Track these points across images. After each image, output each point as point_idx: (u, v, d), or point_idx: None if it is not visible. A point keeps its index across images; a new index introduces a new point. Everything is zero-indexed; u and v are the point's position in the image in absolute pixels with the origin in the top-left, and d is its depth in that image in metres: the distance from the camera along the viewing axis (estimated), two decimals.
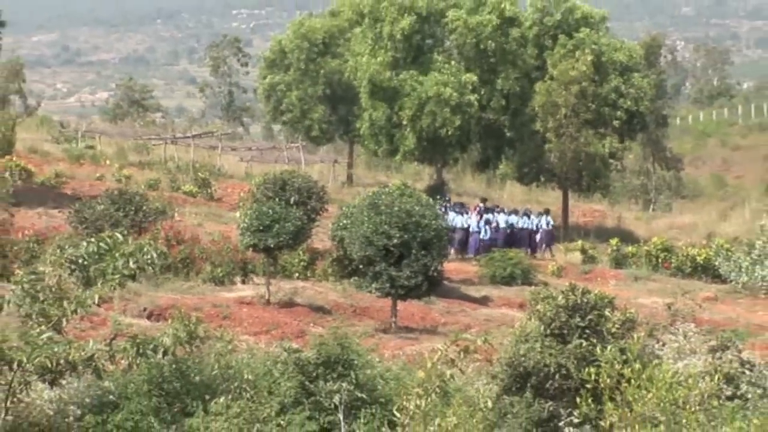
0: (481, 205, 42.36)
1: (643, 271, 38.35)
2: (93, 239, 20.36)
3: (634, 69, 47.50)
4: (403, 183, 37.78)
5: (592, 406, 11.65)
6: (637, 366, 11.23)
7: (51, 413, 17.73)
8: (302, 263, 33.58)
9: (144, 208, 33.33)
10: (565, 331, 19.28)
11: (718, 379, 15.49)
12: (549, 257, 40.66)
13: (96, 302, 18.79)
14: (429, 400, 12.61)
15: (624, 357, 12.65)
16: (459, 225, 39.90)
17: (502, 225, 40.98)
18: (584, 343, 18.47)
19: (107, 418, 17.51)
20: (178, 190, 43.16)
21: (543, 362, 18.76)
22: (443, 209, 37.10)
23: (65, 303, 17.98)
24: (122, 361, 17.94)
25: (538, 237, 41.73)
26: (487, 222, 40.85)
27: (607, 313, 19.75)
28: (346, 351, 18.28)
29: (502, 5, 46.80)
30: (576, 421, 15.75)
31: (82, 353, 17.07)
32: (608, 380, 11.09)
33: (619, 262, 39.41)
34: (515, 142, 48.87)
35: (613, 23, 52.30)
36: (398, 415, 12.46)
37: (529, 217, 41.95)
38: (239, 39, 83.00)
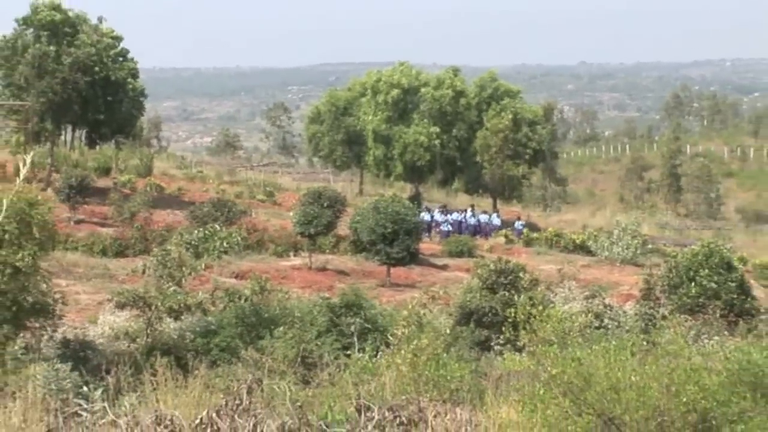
0: (443, 208, 56.85)
1: (542, 249, 50.64)
2: (201, 229, 33.63)
3: (537, 123, 66.58)
4: (394, 194, 49.79)
5: (512, 333, 15.34)
6: (540, 308, 14.31)
7: (175, 337, 25.06)
8: (331, 243, 45.27)
9: (233, 209, 46.01)
10: (495, 286, 27.45)
11: (590, 316, 23.79)
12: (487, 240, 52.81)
13: (203, 268, 29.35)
14: (410, 329, 17.37)
15: (531, 302, 17.92)
16: (439, 219, 54.26)
17: (429, 217, 54.44)
18: (506, 294, 26.69)
19: (209, 341, 24.46)
20: (254, 198, 56.52)
21: (481, 305, 26.70)
22: (420, 212, 50.39)
23: (183, 268, 27.00)
24: (219, 305, 27.90)
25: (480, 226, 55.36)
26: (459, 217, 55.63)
27: (520, 275, 28.51)
28: (359, 298, 25.26)
29: (455, 84, 66.11)
30: (501, 342, 21.59)
31: (194, 300, 26.02)
32: (522, 316, 14.00)
33: (528, 243, 51.96)
34: (464, 168, 66.97)
35: (524, 95, 71.74)
36: (391, 338, 17.11)
37: (474, 215, 56.13)
38: (287, 107, 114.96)
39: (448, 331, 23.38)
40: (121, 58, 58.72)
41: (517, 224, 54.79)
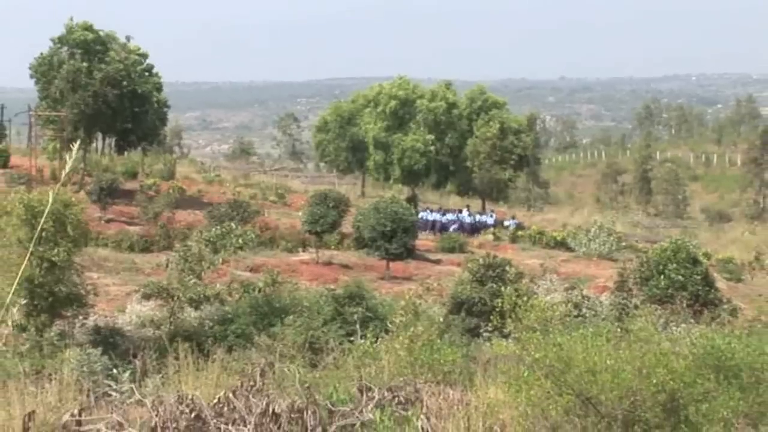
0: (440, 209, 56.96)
1: (527, 245, 49.90)
2: (219, 227, 33.62)
3: (522, 131, 66.81)
4: (393, 196, 48.41)
5: (499, 321, 15.48)
6: (524, 298, 14.88)
7: (195, 325, 25.21)
8: (336, 240, 44.52)
9: (247, 209, 45.65)
10: (484, 279, 27.08)
11: (569, 306, 23.32)
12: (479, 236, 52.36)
13: (220, 262, 29.83)
14: (407, 317, 18.24)
15: (516, 293, 17.80)
16: (432, 218, 53.78)
17: (430, 217, 54.04)
18: (494, 286, 26.10)
19: (226, 328, 24.61)
20: (267, 200, 55.72)
21: (471, 296, 26.40)
22: (418, 212, 49.62)
23: (203, 263, 27.28)
24: (235, 295, 28.77)
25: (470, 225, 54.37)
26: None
27: (507, 268, 28.11)
28: (361, 290, 25.40)
29: (447, 96, 66.90)
30: (489, 329, 20.97)
31: (213, 291, 26.93)
32: (508, 306, 14.49)
33: (514, 239, 51.17)
34: (455, 172, 67.66)
35: (510, 106, 72.39)
36: (390, 326, 17.51)
37: (471, 215, 55.08)
38: (297, 117, 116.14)
39: (441, 320, 23.61)
40: (146, 73, 58.86)
41: (512, 222, 54.47)
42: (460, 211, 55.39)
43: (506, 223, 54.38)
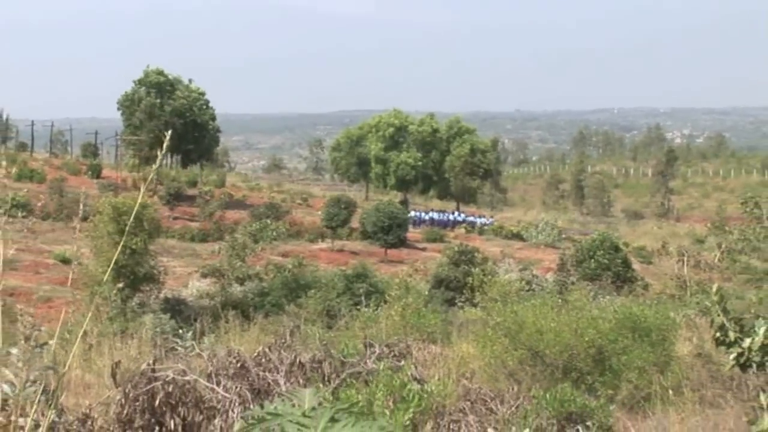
0: (424, 208, 57.37)
1: (490, 237, 49.67)
2: (258, 223, 35.44)
3: (487, 151, 66.36)
4: (390, 199, 49.95)
5: (470, 294, 16.09)
6: (488, 277, 15.39)
7: (240, 296, 25.10)
8: (346, 233, 44.24)
9: (280, 209, 46.60)
10: (458, 262, 27.54)
11: (522, 282, 24.14)
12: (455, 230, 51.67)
13: (259, 249, 30.14)
14: (400, 291, 17.64)
15: (483, 273, 18.66)
16: (423, 216, 54.00)
17: (435, 216, 54.46)
18: (466, 267, 26.32)
19: (264, 299, 24.68)
20: (294, 202, 55.82)
21: (448, 275, 26.78)
22: (409, 212, 50.17)
23: (246, 250, 27.89)
24: (270, 275, 28.02)
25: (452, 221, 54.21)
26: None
27: (475, 254, 28.37)
28: (365, 270, 26.17)
29: (431, 124, 66.50)
30: (462, 300, 21.53)
31: (254, 271, 27.42)
32: (476, 282, 14.96)
33: (481, 232, 51.09)
34: (437, 182, 66.68)
35: (478, 132, 70.48)
36: (388, 297, 17.29)
37: (442, 213, 55.44)
38: (320, 140, 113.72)
39: (426, 293, 23.57)
40: (204, 107, 58.71)
41: (489, 220, 54.67)
42: (453, 212, 55.91)
43: (486, 221, 54.20)
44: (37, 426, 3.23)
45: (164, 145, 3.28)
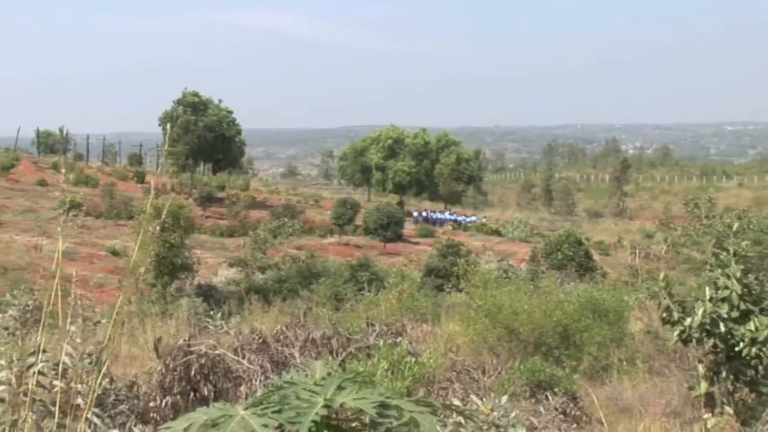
0: (419, 209, 56.52)
1: (473, 233, 48.73)
2: (277, 221, 34.99)
3: (470, 160, 65.07)
4: (388, 201, 48.89)
5: (456, 281, 15.74)
6: (472, 266, 14.75)
7: (261, 283, 24.75)
8: (351, 229, 43.50)
9: (295, 209, 45.53)
10: (446, 253, 27.39)
11: (500, 271, 23.45)
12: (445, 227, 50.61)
13: (278, 243, 30.14)
14: (397, 278, 17.60)
15: (467, 263, 17.79)
16: (416, 215, 53.36)
17: (423, 214, 53.96)
18: (452, 258, 25.50)
19: (282, 285, 24.18)
20: (307, 203, 54.12)
21: (438, 265, 26.58)
22: (405, 212, 49.72)
23: (267, 243, 27.78)
24: (287, 264, 27.23)
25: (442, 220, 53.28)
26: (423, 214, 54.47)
27: (460, 247, 27.95)
28: (368, 261, 25.96)
29: (423, 137, 64.39)
30: (450, 286, 21.32)
31: (273, 262, 27.02)
32: (461, 271, 14.32)
33: (465, 229, 49.94)
34: (428, 186, 64.18)
35: (463, 144, 69.00)
36: (386, 284, 17.46)
37: (434, 212, 55.08)
38: (329, 151, 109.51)
39: (418, 280, 23.48)
40: (231, 123, 58.55)
41: (476, 218, 54.59)
42: (448, 212, 55.87)
43: (475, 219, 54.09)
44: (91, 391, 3.24)
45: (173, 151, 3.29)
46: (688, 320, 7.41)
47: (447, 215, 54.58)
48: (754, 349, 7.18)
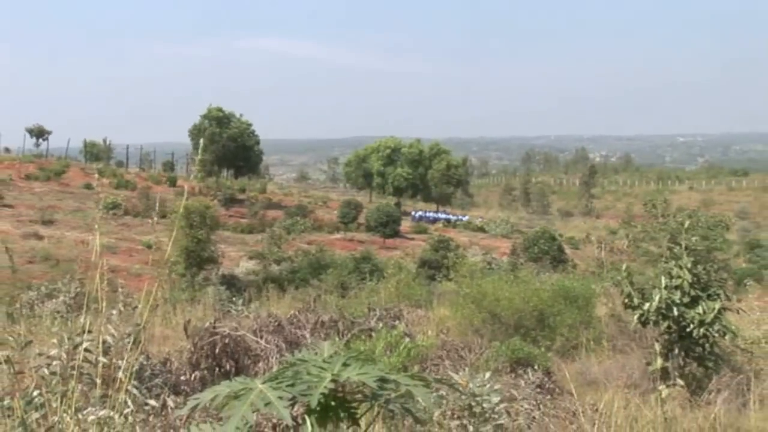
0: (416, 209, 55.32)
1: (462, 230, 47.74)
2: (290, 219, 35.46)
3: (458, 166, 63.34)
4: (387, 202, 48.87)
5: (446, 271, 15.89)
6: (460, 258, 15.15)
7: (277, 274, 24.53)
8: (355, 227, 42.40)
9: (306, 209, 44.98)
10: (438, 248, 26.33)
11: (485, 263, 23.65)
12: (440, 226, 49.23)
13: (291, 239, 29.92)
14: (395, 269, 17.15)
15: (456, 256, 18.35)
16: (415, 215, 52.15)
17: (420, 214, 53.02)
18: (443, 251, 25.90)
19: (294, 275, 23.76)
20: (317, 204, 52.52)
21: (431, 258, 25.96)
22: (403, 212, 47.90)
23: (281, 239, 27.72)
24: (299, 257, 26.43)
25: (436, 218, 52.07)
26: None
27: (450, 242, 27.60)
28: (369, 254, 25.62)
29: (418, 147, 62.51)
30: (441, 276, 21.17)
31: (287, 255, 26.49)
32: (451, 263, 14.81)
33: (455, 227, 48.96)
34: (422, 189, 63.18)
35: (452, 152, 67.33)
36: (386, 274, 17.05)
37: (427, 212, 53.83)
38: (336, 158, 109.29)
39: (414, 271, 23.41)
40: (251, 134, 58.46)
41: (464, 217, 54.53)
42: (444, 212, 55.88)
43: (467, 218, 53.76)
44: (130, 366, 3.26)
45: (198, 159, 3.30)
46: (647, 305, 7.44)
47: (441, 215, 54.36)
48: (702, 330, 7.22)
